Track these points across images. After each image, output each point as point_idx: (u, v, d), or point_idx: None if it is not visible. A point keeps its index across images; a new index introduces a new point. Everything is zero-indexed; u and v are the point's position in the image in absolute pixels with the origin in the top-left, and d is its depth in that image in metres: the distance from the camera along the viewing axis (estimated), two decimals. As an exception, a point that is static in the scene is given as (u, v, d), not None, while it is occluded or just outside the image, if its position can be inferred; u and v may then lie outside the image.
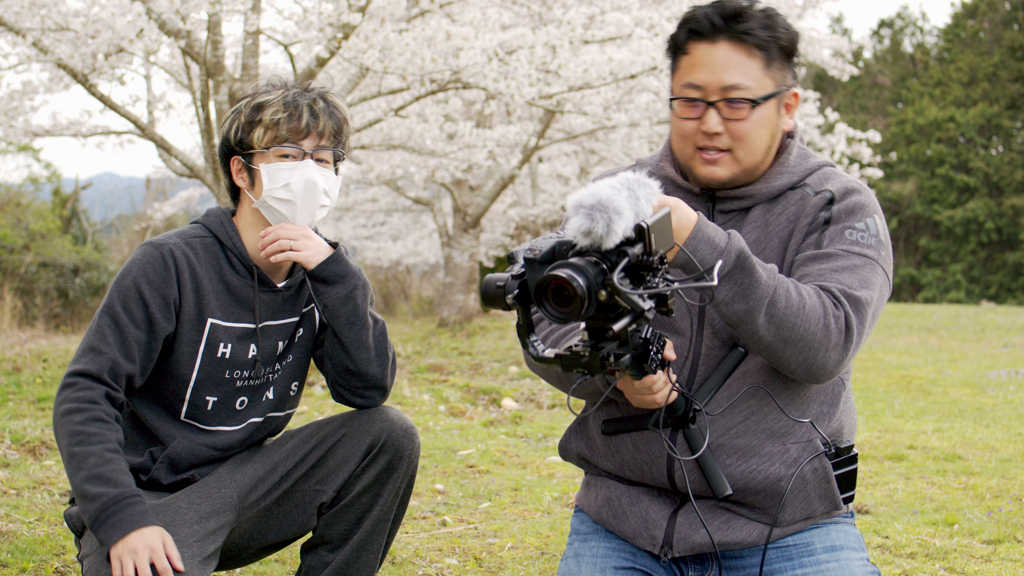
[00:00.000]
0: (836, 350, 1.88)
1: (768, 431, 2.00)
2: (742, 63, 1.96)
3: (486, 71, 7.82)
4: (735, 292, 1.83)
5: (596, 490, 2.18)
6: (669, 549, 2.02)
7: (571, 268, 1.62)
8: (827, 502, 2.05)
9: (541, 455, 5.45)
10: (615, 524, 2.10)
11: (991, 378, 8.91)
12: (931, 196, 30.35)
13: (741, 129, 1.97)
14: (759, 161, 2.02)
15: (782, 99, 2.04)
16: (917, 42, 34.42)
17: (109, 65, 8.16)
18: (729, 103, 1.96)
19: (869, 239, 1.96)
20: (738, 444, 1.99)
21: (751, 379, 1.99)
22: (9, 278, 13.79)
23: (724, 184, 2.02)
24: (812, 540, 2.04)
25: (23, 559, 3.35)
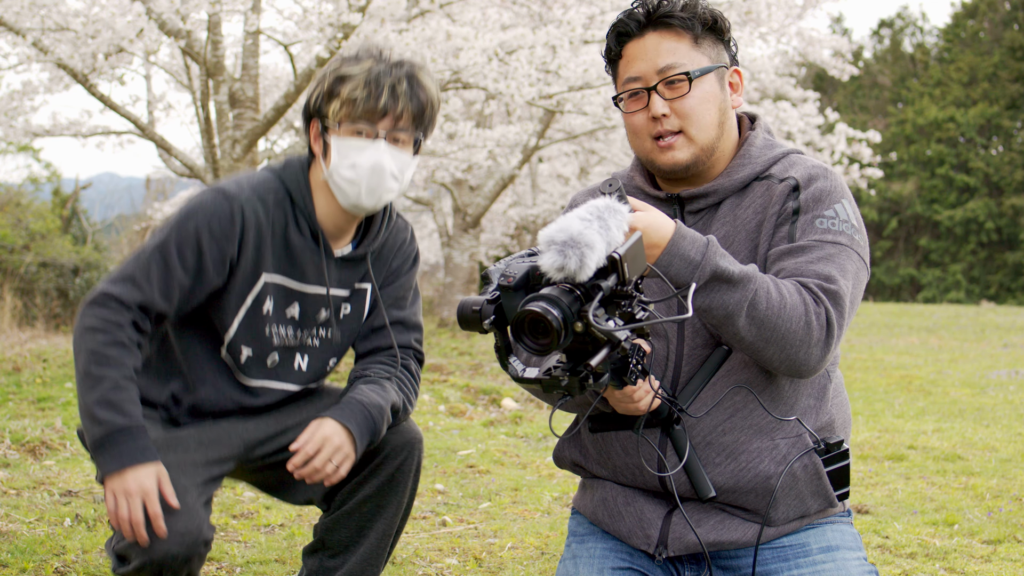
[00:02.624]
0: (818, 346, 1.88)
1: (755, 427, 2.00)
2: (671, 46, 2.02)
3: (486, 71, 7.83)
4: (714, 299, 1.84)
5: (592, 492, 2.18)
6: (664, 548, 2.03)
7: (546, 301, 1.62)
8: (821, 499, 2.04)
9: (541, 455, 5.45)
10: (611, 524, 2.11)
11: (991, 378, 8.91)
12: (931, 196, 30.36)
13: (685, 106, 2.01)
14: (714, 138, 2.04)
15: (722, 76, 2.07)
16: (917, 42, 34.44)
17: (109, 65, 8.16)
18: (668, 84, 2.01)
19: (840, 225, 1.97)
20: (725, 442, 1.99)
21: (735, 376, 1.99)
22: (9, 278, 13.79)
23: (688, 169, 2.04)
24: (808, 540, 2.04)
25: (23, 559, 3.36)
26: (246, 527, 3.91)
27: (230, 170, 8.29)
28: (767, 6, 9.25)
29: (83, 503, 4.11)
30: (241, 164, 8.30)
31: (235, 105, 8.22)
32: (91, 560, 3.40)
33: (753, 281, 1.84)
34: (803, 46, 14.42)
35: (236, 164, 8.27)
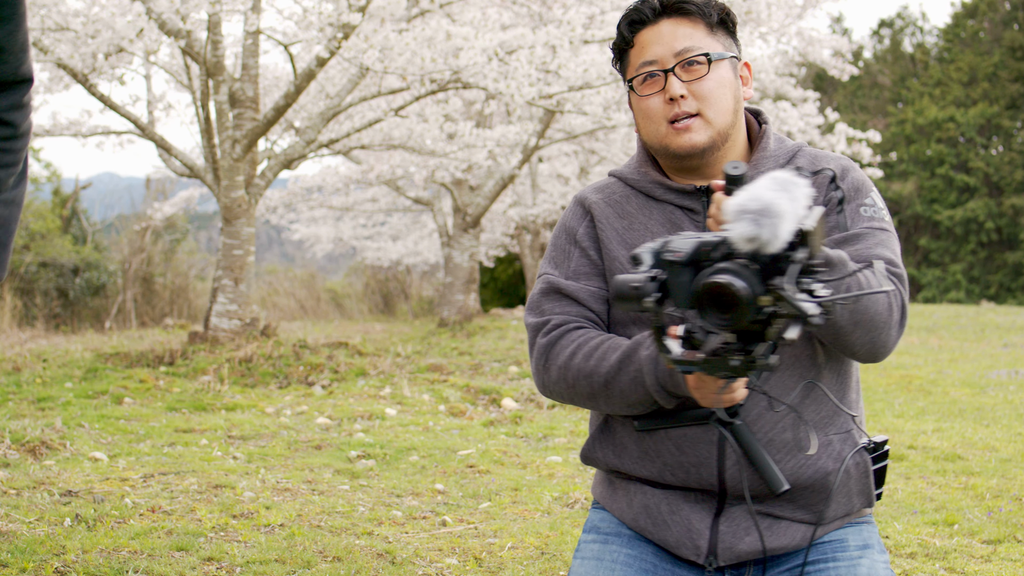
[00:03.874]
0: (896, 328, 1.91)
1: (812, 423, 1.99)
2: (687, 32, 2.02)
3: (486, 71, 7.82)
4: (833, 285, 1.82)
5: (629, 495, 2.10)
6: (714, 559, 1.99)
7: (731, 273, 1.58)
8: (864, 498, 2.05)
9: (541, 455, 5.45)
10: (655, 533, 2.04)
11: (991, 378, 8.91)
12: (931, 196, 30.36)
13: (704, 88, 2.00)
14: (729, 124, 2.03)
15: (735, 65, 2.07)
16: (917, 42, 34.43)
17: (109, 65, 8.16)
18: (685, 66, 2.00)
19: (879, 212, 2.01)
20: (786, 438, 1.97)
21: (788, 370, 1.98)
22: (9, 278, 13.79)
23: (705, 153, 2.02)
24: (847, 537, 2.04)
25: (23, 559, 3.36)
26: (246, 527, 3.91)
27: (230, 170, 8.29)
28: (767, 6, 9.25)
29: (83, 503, 4.11)
30: (241, 164, 8.31)
31: (235, 105, 8.22)
32: (91, 560, 3.40)
33: (847, 264, 1.83)
34: (803, 46, 14.42)
35: (236, 164, 8.27)
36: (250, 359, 7.70)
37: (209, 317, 8.42)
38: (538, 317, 2.07)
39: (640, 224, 2.05)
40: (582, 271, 2.07)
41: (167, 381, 7.18)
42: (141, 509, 4.07)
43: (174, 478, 4.62)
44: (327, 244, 20.74)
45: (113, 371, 7.43)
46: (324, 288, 20.86)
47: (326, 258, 27.27)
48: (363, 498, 4.49)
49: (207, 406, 6.49)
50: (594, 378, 1.95)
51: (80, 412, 6.09)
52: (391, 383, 7.55)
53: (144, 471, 4.75)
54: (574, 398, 2.02)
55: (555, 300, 2.06)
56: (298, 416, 6.35)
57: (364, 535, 3.90)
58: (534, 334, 2.06)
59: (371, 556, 3.63)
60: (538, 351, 2.04)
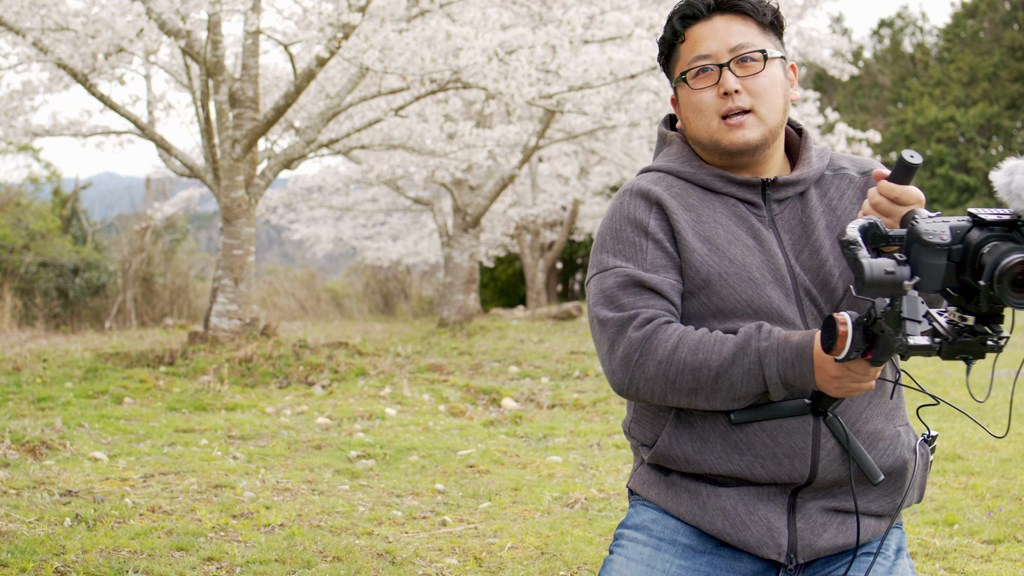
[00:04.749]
0: None
1: (885, 415, 2.01)
2: (741, 29, 2.02)
3: (486, 71, 7.82)
4: None
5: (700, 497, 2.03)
6: (795, 556, 1.99)
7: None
8: (920, 491, 2.08)
9: (541, 455, 5.45)
10: (734, 535, 2.00)
11: (991, 378, 8.91)
12: (931, 196, 30.35)
13: (758, 84, 2.00)
14: (779, 123, 2.04)
15: (785, 66, 2.09)
16: (917, 42, 34.43)
17: (109, 65, 8.16)
18: (740, 61, 2.01)
19: None
20: (868, 430, 1.99)
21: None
22: (9, 278, 13.79)
23: (757, 150, 2.02)
24: (890, 539, 2.06)
25: (23, 559, 3.35)
26: (246, 527, 3.91)
27: (230, 170, 8.29)
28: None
29: (83, 503, 4.11)
30: (241, 164, 8.31)
31: (235, 105, 8.22)
32: (91, 560, 3.40)
33: None
34: (803, 46, 14.42)
35: (236, 164, 8.27)
36: (250, 359, 7.70)
37: (209, 317, 8.42)
38: (620, 311, 1.96)
39: (708, 217, 2.02)
40: (660, 263, 1.99)
41: (167, 381, 7.18)
42: (141, 509, 4.07)
43: (174, 478, 4.62)
44: (327, 244, 20.74)
45: (113, 371, 7.43)
46: (324, 288, 20.86)
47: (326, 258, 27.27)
48: (363, 498, 4.49)
49: (207, 406, 6.49)
50: (702, 372, 1.89)
51: (80, 412, 6.09)
52: (391, 383, 7.55)
53: (144, 471, 4.75)
54: (669, 394, 1.93)
55: (637, 294, 1.97)
56: (298, 416, 6.35)
57: (364, 535, 3.90)
58: (619, 329, 1.95)
59: (371, 556, 3.63)
60: (630, 345, 1.93)
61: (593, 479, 4.94)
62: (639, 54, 8.41)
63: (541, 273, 19.14)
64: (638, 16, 8.66)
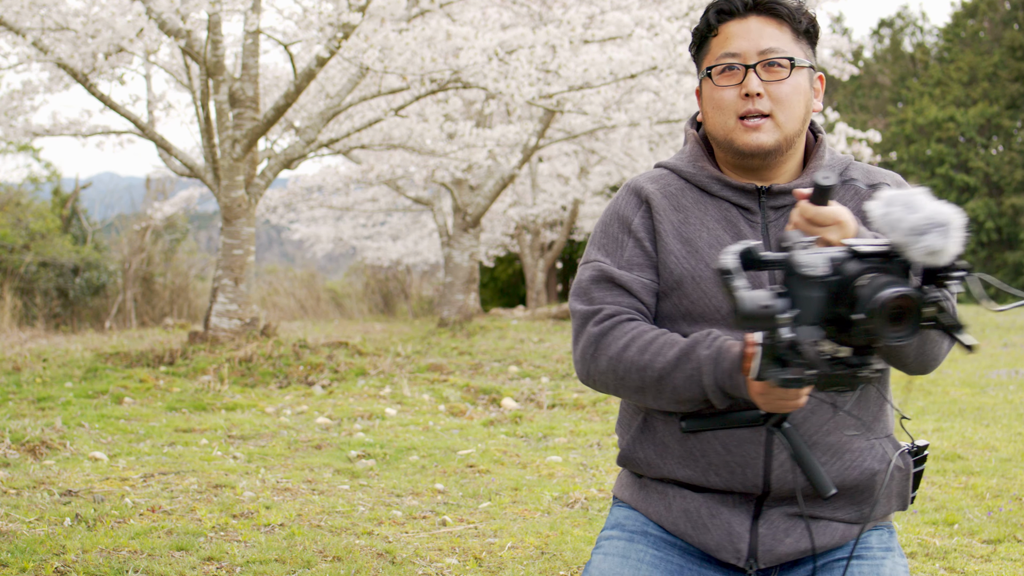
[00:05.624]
0: (947, 342, 1.93)
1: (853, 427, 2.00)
2: (774, 33, 2.03)
3: (486, 71, 7.82)
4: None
5: (666, 499, 2.08)
6: (754, 561, 2.00)
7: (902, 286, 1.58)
8: (900, 500, 2.07)
9: (541, 455, 5.45)
10: (695, 537, 2.04)
11: (991, 378, 8.91)
12: (931, 196, 30.34)
13: (781, 91, 2.01)
14: (797, 132, 2.04)
15: (812, 77, 2.08)
16: (917, 42, 34.44)
17: (109, 65, 8.16)
18: (768, 65, 2.01)
19: None
20: (830, 441, 1.98)
21: None
22: (9, 278, 13.80)
23: (769, 155, 2.02)
24: (871, 541, 2.06)
25: (23, 559, 3.36)
26: (246, 527, 3.91)
27: (230, 170, 8.29)
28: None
29: (83, 503, 4.11)
30: (241, 164, 8.31)
31: (235, 105, 8.22)
32: (91, 560, 3.40)
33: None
34: (803, 46, 14.39)
35: (236, 164, 8.27)
36: (250, 359, 7.70)
37: (209, 317, 8.42)
38: (588, 305, 2.02)
39: (696, 219, 2.03)
40: (635, 262, 2.03)
41: (167, 381, 7.18)
42: (141, 509, 4.07)
43: (174, 478, 4.62)
44: (327, 244, 20.74)
45: (113, 371, 7.43)
46: (324, 288, 20.85)
47: (326, 258, 27.27)
48: (363, 498, 4.49)
49: (207, 406, 6.49)
50: (647, 372, 1.93)
51: (80, 412, 6.09)
52: (391, 383, 7.55)
53: (144, 471, 4.75)
54: (620, 390, 1.99)
55: (606, 289, 2.02)
56: (298, 416, 6.35)
57: (364, 535, 3.90)
58: (583, 321, 2.02)
59: (371, 556, 3.63)
60: (588, 339, 1.99)
61: (593, 479, 4.94)
62: (639, 54, 8.41)
63: (541, 273, 19.14)
64: (638, 16, 8.66)
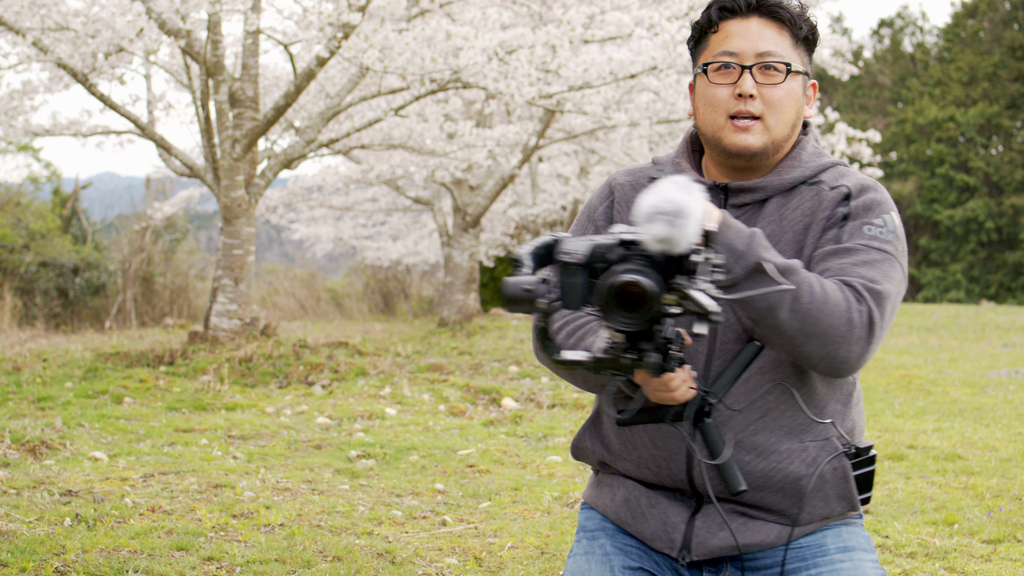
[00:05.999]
0: (859, 344, 1.88)
1: (785, 428, 2.00)
2: (774, 36, 2.04)
3: (486, 71, 7.82)
4: (756, 290, 1.86)
5: (612, 489, 2.15)
6: (687, 552, 2.03)
7: (638, 272, 1.62)
8: (845, 502, 2.06)
9: (541, 455, 5.45)
10: (634, 525, 2.09)
11: (991, 378, 8.91)
12: (931, 196, 30.36)
13: (774, 95, 2.02)
14: (785, 137, 2.05)
15: (806, 84, 2.10)
16: (917, 42, 34.43)
17: (109, 65, 8.16)
18: (764, 68, 2.02)
19: (887, 235, 1.98)
20: (756, 441, 1.99)
21: (768, 374, 1.99)
22: (9, 278, 13.80)
23: (754, 157, 2.03)
24: (825, 541, 2.04)
25: (23, 559, 3.36)
26: (246, 527, 3.91)
27: (230, 170, 8.29)
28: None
29: (83, 503, 4.11)
30: (241, 164, 8.31)
31: (235, 105, 8.22)
32: (91, 560, 3.40)
33: (796, 274, 1.86)
34: (803, 46, 14.38)
35: (236, 164, 8.27)
36: (250, 359, 7.70)
37: (209, 317, 8.42)
38: None
39: None
40: None
41: (167, 381, 7.18)
42: (141, 509, 4.07)
43: (174, 478, 4.62)
44: (327, 244, 20.73)
45: (113, 371, 7.43)
46: (324, 288, 20.85)
47: (326, 258, 27.26)
48: (363, 498, 4.49)
49: (207, 406, 6.49)
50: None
51: (80, 412, 6.09)
52: (391, 383, 7.55)
53: (144, 471, 4.75)
54: (563, 376, 2.07)
55: None
56: (298, 416, 6.35)
57: (364, 535, 3.91)
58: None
59: (371, 556, 3.63)
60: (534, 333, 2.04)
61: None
62: (639, 54, 8.41)
63: (541, 273, 19.12)
64: (638, 16, 8.66)
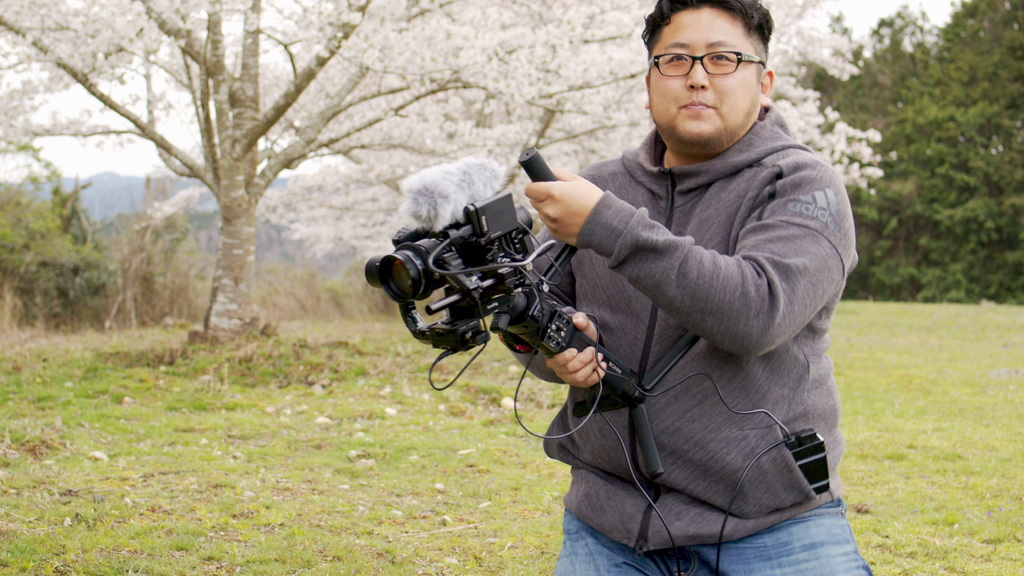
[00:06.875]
0: (759, 317, 1.83)
1: (724, 415, 1.98)
2: (725, 26, 2.04)
3: (486, 70, 7.82)
4: (641, 268, 1.86)
5: (576, 486, 2.18)
6: (644, 542, 2.03)
7: (410, 250, 1.72)
8: (795, 492, 2.01)
9: (541, 454, 5.45)
10: (594, 519, 2.11)
11: (991, 377, 8.91)
12: (931, 195, 30.36)
13: (726, 84, 2.02)
14: (740, 124, 2.05)
15: (760, 72, 2.09)
16: (917, 41, 34.44)
17: (109, 64, 8.16)
18: (715, 59, 2.02)
19: (814, 211, 1.92)
20: (693, 429, 1.99)
21: (705, 361, 1.98)
22: (9, 277, 13.79)
23: (708, 143, 2.03)
24: (790, 538, 2.02)
25: (23, 558, 3.36)
26: (246, 527, 3.91)
27: (230, 169, 8.29)
28: (767, 5, 9.25)
29: (83, 502, 4.11)
30: (241, 163, 8.31)
31: (235, 104, 8.22)
32: (91, 559, 3.40)
33: (680, 249, 1.84)
34: (803, 45, 14.41)
35: (236, 163, 8.27)
36: (250, 359, 7.70)
37: (209, 317, 8.42)
38: None
39: None
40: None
41: (167, 381, 7.18)
42: (141, 509, 4.07)
43: (174, 478, 4.62)
44: (327, 244, 20.73)
45: (113, 371, 7.43)
46: (324, 287, 20.84)
47: (326, 258, 27.25)
48: (363, 498, 4.49)
49: (207, 406, 6.49)
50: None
51: (80, 412, 6.09)
52: (391, 383, 7.56)
53: (144, 471, 4.75)
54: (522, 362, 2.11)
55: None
56: (298, 416, 6.35)
57: (364, 535, 3.91)
58: None
59: (371, 556, 3.63)
60: None
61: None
62: (639, 53, 8.41)
63: (541, 273, 19.14)
64: (638, 16, 8.66)
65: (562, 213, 1.89)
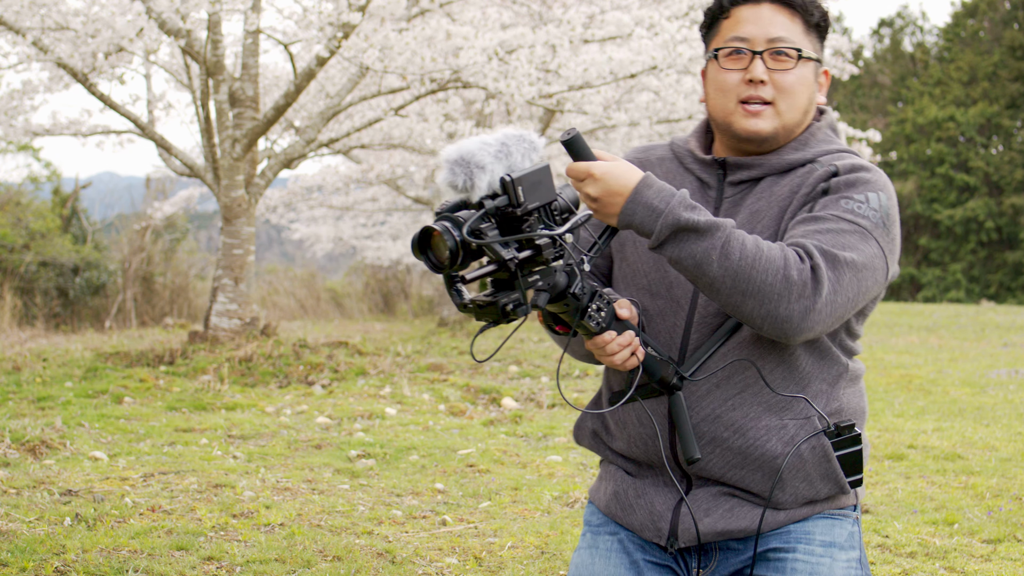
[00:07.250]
0: (801, 301, 1.82)
1: (764, 404, 1.98)
2: (785, 22, 2.03)
3: (486, 70, 7.82)
4: (683, 249, 1.85)
5: (606, 483, 2.17)
6: (675, 540, 2.03)
7: (449, 221, 1.71)
8: (831, 483, 2.02)
9: (541, 454, 5.45)
10: (623, 517, 2.10)
11: (991, 377, 8.91)
12: (931, 195, 30.36)
13: (785, 81, 2.01)
14: (797, 122, 2.05)
15: (818, 70, 2.09)
16: (917, 41, 34.43)
17: (109, 64, 8.16)
18: (775, 54, 2.02)
19: (867, 211, 1.92)
20: (734, 417, 1.98)
21: (746, 350, 1.97)
22: (9, 277, 13.79)
23: (765, 141, 2.03)
24: (814, 530, 2.03)
25: (23, 558, 3.36)
26: (246, 527, 3.91)
27: (230, 169, 8.29)
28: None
29: (83, 502, 4.11)
30: (241, 163, 8.31)
31: (235, 104, 8.22)
32: (91, 559, 3.40)
33: (722, 230, 1.83)
34: (803, 45, 14.38)
35: (236, 163, 8.27)
36: (250, 358, 7.70)
37: (209, 316, 8.42)
38: None
39: None
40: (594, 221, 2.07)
41: (167, 381, 7.18)
42: (141, 508, 4.07)
43: (174, 477, 4.62)
44: (327, 244, 20.73)
45: (113, 371, 7.43)
46: (324, 288, 20.85)
47: (326, 258, 27.25)
48: (363, 497, 4.49)
49: (207, 405, 6.49)
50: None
51: (80, 411, 6.09)
52: (391, 382, 7.55)
53: (144, 470, 4.75)
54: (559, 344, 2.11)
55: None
56: (298, 415, 6.35)
57: (364, 534, 3.91)
58: None
59: (371, 555, 3.63)
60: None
61: (593, 478, 4.94)
62: (639, 53, 8.41)
63: (541, 273, 19.12)
64: (638, 16, 8.66)
65: (602, 193, 1.86)
